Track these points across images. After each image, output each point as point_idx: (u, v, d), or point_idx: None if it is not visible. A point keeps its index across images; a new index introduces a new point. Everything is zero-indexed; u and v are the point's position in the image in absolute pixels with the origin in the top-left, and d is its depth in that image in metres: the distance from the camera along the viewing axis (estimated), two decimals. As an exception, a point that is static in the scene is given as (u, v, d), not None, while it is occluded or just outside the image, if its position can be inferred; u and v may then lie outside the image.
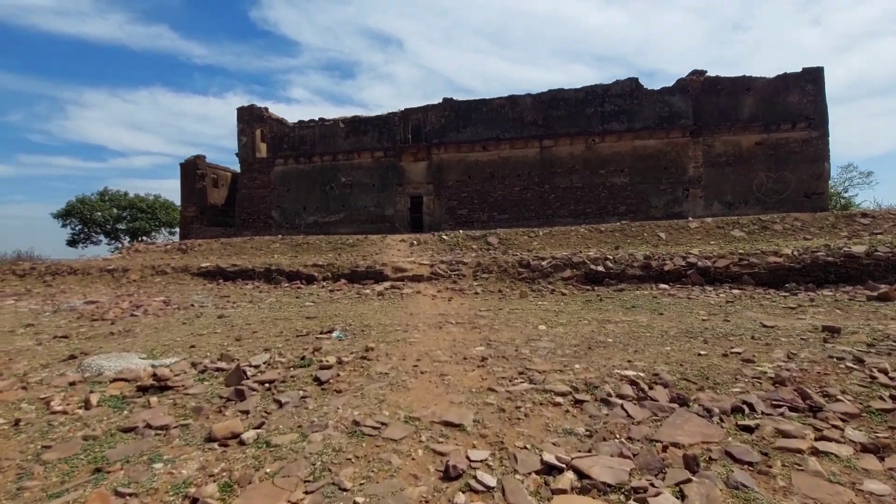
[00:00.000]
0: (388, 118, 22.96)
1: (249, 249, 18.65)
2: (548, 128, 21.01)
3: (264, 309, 9.09)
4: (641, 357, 4.73)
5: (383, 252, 16.15)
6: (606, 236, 15.78)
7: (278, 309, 9.00)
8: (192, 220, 25.35)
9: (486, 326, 6.55)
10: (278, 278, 13.42)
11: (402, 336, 6.02)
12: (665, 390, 3.77)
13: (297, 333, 6.47)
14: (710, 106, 19.76)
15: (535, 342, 5.48)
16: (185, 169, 25.72)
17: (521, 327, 6.42)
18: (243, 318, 8.09)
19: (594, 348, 5.12)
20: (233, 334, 6.67)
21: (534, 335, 5.87)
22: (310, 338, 6.16)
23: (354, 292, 11.17)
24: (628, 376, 4.08)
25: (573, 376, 4.14)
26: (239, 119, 24.48)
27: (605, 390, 3.76)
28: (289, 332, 6.66)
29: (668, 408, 3.45)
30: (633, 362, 4.52)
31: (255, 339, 6.32)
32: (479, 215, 21.73)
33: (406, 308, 8.65)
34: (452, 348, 5.35)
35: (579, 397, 3.66)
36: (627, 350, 5.02)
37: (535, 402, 3.63)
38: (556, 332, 6.06)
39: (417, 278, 12.31)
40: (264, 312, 8.62)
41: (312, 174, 23.70)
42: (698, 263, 10.44)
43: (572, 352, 5.00)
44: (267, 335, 6.50)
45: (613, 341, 5.42)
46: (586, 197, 20.73)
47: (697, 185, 19.88)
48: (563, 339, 5.57)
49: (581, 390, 3.82)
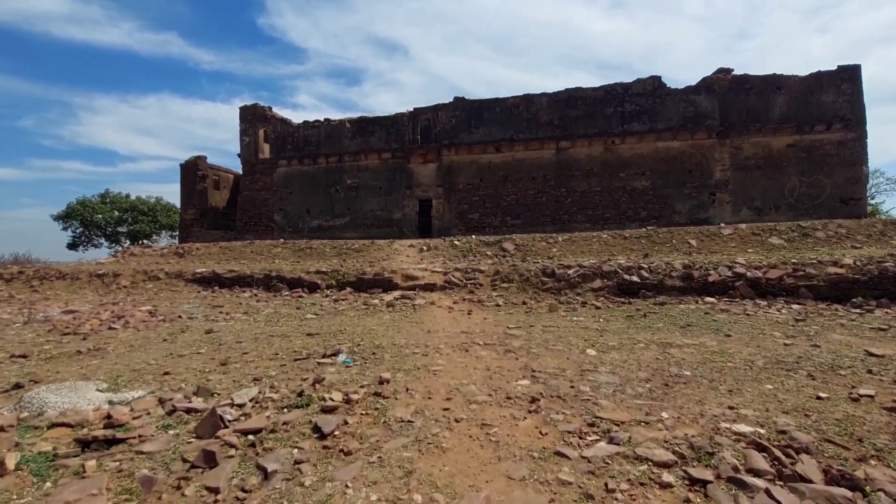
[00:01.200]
0: (396, 118, 21.97)
1: (249, 254, 17.62)
2: (564, 128, 19.93)
3: (260, 322, 8.01)
4: (743, 400, 3.61)
5: (391, 258, 15.07)
6: (632, 243, 14.63)
7: (276, 322, 7.92)
8: (191, 223, 24.36)
9: (521, 350, 5.43)
10: (278, 286, 12.36)
11: (423, 362, 4.92)
12: (812, 461, 2.65)
13: (296, 356, 5.38)
14: (738, 105, 18.63)
15: (591, 374, 4.36)
16: (185, 170, 24.76)
17: (564, 351, 5.30)
18: (234, 333, 7.01)
19: (672, 385, 4.00)
20: (219, 356, 5.59)
21: (586, 364, 4.75)
22: (310, 362, 5.07)
23: (361, 302, 10.09)
24: (745, 435, 2.95)
25: (667, 432, 3.03)
26: (242, 118, 23.55)
27: (727, 460, 2.64)
28: (285, 353, 5.57)
29: (833, 496, 2.33)
30: (738, 409, 3.40)
31: (245, 362, 5.23)
32: (491, 220, 20.62)
33: (421, 323, 7.54)
34: (488, 381, 4.24)
35: (694, 473, 2.54)
36: (718, 389, 3.89)
37: (630, 479, 2.51)
38: (611, 358, 4.94)
39: (430, 287, 11.22)
40: (259, 327, 7.54)
41: (317, 176, 22.70)
42: (747, 274, 9.29)
43: (646, 390, 3.89)
44: (259, 358, 5.42)
45: (692, 374, 4.30)
46: (605, 201, 19.59)
47: (724, 190, 18.71)
48: (627, 371, 4.45)
49: (691, 459, 2.70)
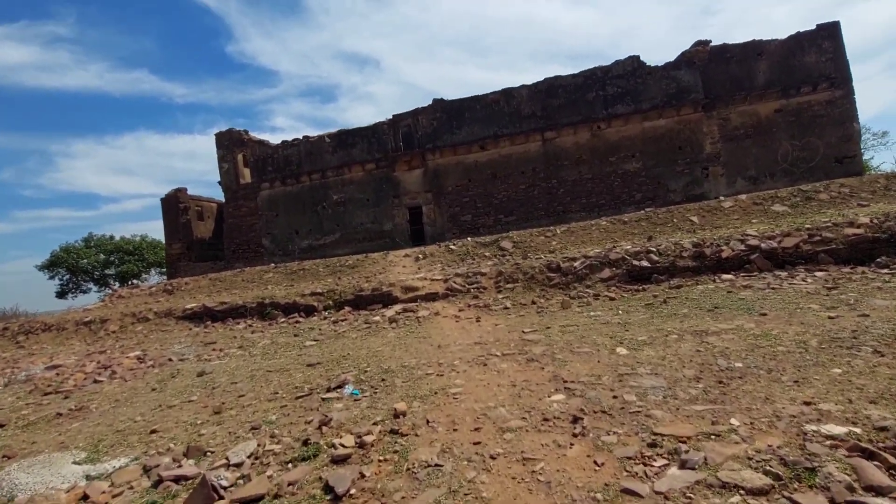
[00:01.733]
0: (376, 128, 21.47)
1: (241, 283, 17.00)
2: (548, 119, 19.53)
3: (256, 356, 7.44)
4: (816, 392, 3.13)
5: (388, 271, 14.54)
6: (632, 227, 14.21)
7: (273, 354, 7.35)
8: (178, 258, 23.66)
9: (545, 357, 4.93)
10: (273, 313, 11.78)
11: (439, 384, 4.40)
12: (937, 466, 2.17)
13: (297, 393, 4.84)
14: (721, 76, 18.33)
15: (631, 378, 3.86)
16: (166, 204, 24.07)
17: (593, 354, 4.81)
18: (229, 372, 6.44)
19: (728, 382, 3.51)
20: (212, 402, 5.03)
21: (621, 366, 4.26)
22: (314, 399, 4.54)
23: (362, 321, 9.54)
24: (840, 438, 2.47)
25: (746, 446, 2.53)
26: (218, 145, 22.93)
27: (834, 477, 2.15)
28: (286, 390, 5.03)
29: None
30: (816, 404, 2.92)
31: (241, 407, 4.68)
32: (483, 220, 20.15)
33: (429, 338, 7.02)
34: (517, 399, 3.73)
35: (802, 500, 2.04)
36: (782, 380, 3.41)
37: (726, 518, 2.01)
38: (646, 356, 4.45)
39: (432, 297, 10.71)
40: (256, 362, 6.97)
41: (302, 195, 22.12)
42: (761, 246, 8.87)
43: (700, 391, 3.40)
44: (257, 399, 4.87)
45: (745, 366, 3.81)
46: (598, 188, 19.19)
47: (717, 163, 18.37)
48: (670, 370, 3.96)
49: (789, 479, 2.20)
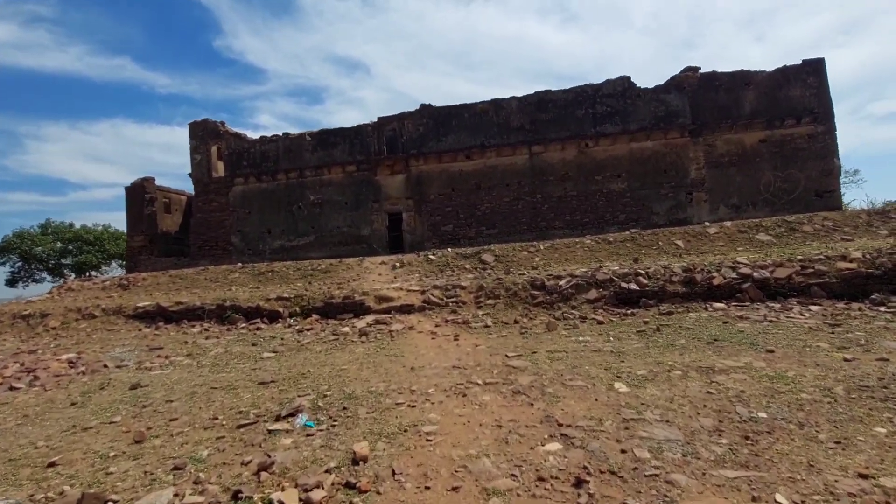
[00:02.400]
0: (359, 129, 20.76)
1: (203, 282, 15.92)
2: (536, 132, 19.22)
3: (204, 367, 6.58)
4: (867, 458, 2.58)
5: (362, 278, 13.77)
6: (617, 247, 13.87)
7: (224, 366, 6.51)
8: (139, 251, 22.22)
9: (533, 389, 4.30)
10: (234, 317, 10.85)
11: (410, 418, 3.72)
12: None
13: (241, 420, 4.07)
14: (709, 103, 18.41)
15: (639, 426, 3.27)
16: (131, 193, 22.67)
17: (588, 389, 4.20)
18: (168, 387, 5.58)
19: (755, 438, 2.95)
20: (137, 425, 4.21)
21: (624, 407, 3.66)
22: (258, 430, 3.79)
23: (329, 332, 8.76)
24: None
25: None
26: (192, 135, 21.78)
27: None
28: (228, 415, 4.25)
29: None
30: (875, 477, 2.37)
31: (169, 435, 3.88)
32: (465, 231, 19.59)
33: (402, 356, 6.32)
34: (503, 447, 3.09)
35: None
36: (818, 439, 2.86)
37: None
38: (650, 396, 3.87)
39: (407, 309, 10.00)
40: (202, 375, 6.12)
41: (277, 193, 21.14)
42: (754, 275, 8.53)
43: (726, 450, 2.82)
44: (191, 426, 4.08)
45: (769, 416, 3.26)
46: (582, 206, 18.91)
47: (701, 189, 18.34)
48: (682, 416, 3.38)
49: None
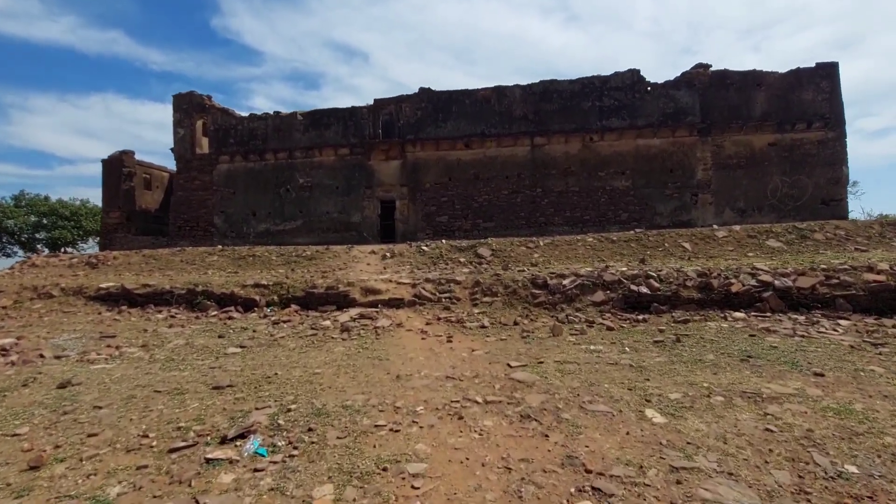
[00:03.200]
0: (354, 111, 19.73)
1: (178, 264, 14.90)
2: (540, 123, 18.37)
3: (156, 363, 5.67)
4: None
5: (349, 267, 12.87)
6: (621, 247, 13.13)
7: (179, 362, 5.61)
8: (115, 228, 21.03)
9: (546, 413, 3.48)
10: (205, 304, 9.92)
11: (392, 449, 2.88)
12: None
13: (176, 441, 3.20)
14: (720, 102, 17.69)
15: (691, 476, 2.46)
16: (108, 167, 21.41)
17: (615, 417, 3.39)
18: (103, 387, 4.68)
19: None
20: (42, 441, 3.32)
21: (665, 446, 2.85)
22: (194, 457, 2.92)
23: (308, 325, 7.89)
24: None
25: None
26: (175, 108, 20.57)
27: None
28: (162, 432, 3.37)
29: None
30: None
31: (78, 459, 3.00)
32: (461, 223, 18.74)
33: (387, 359, 5.47)
34: (518, 500, 2.26)
35: None
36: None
37: None
38: (695, 431, 3.07)
39: (396, 303, 9.15)
40: (150, 373, 5.22)
41: (264, 174, 20.07)
42: (775, 283, 7.80)
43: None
44: (112, 444, 3.19)
45: (863, 473, 2.47)
46: (584, 202, 18.15)
47: (707, 190, 17.68)
48: (748, 467, 2.57)
49: None
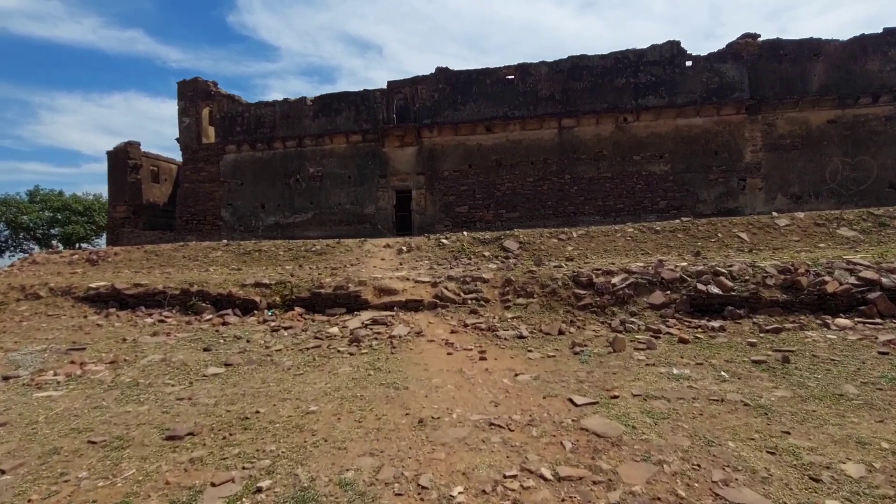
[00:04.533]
0: (366, 95, 18.43)
1: (180, 260, 13.90)
2: (568, 104, 16.80)
3: (114, 390, 4.49)
4: None
5: (361, 262, 11.64)
6: (666, 238, 11.62)
7: (142, 391, 4.42)
8: (121, 223, 20.23)
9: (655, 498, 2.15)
10: (200, 306, 8.79)
11: None
12: None
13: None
14: (771, 75, 15.86)
15: None
16: (113, 159, 20.58)
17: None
18: (28, 432, 3.50)
19: None
20: None
21: None
22: None
23: (312, 333, 6.68)
24: None
25: None
26: (180, 96, 19.56)
27: None
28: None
29: None
30: None
31: None
32: (482, 213, 17.36)
33: (405, 387, 4.19)
34: None
35: None
36: None
37: None
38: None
39: (414, 305, 7.87)
40: (101, 406, 4.03)
41: (273, 164, 18.97)
42: (882, 281, 6.27)
43: None
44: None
45: None
46: (617, 189, 16.58)
47: (756, 174, 15.92)
48: None
49: None
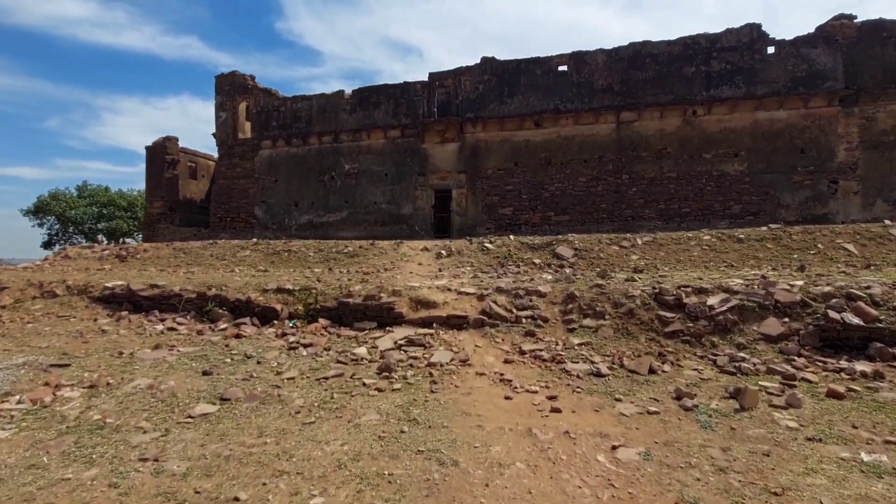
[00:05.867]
0: (406, 87, 17.36)
1: (208, 258, 13.21)
2: (628, 95, 15.14)
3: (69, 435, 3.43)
4: None
5: (396, 267, 10.49)
6: (752, 248, 9.86)
7: (103, 439, 3.33)
8: (158, 218, 20.04)
9: None
10: (217, 312, 7.85)
11: None
12: None
13: None
14: (871, 62, 13.66)
15: None
16: (151, 154, 20.47)
17: None
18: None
19: None
20: None
21: None
22: None
23: (335, 353, 5.52)
24: None
25: None
26: (217, 90, 19.16)
27: None
28: None
29: None
30: None
31: None
32: (528, 215, 15.92)
33: (453, 463, 2.91)
34: None
35: None
36: None
37: None
38: None
39: (457, 322, 6.60)
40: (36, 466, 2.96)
41: (308, 160, 18.21)
42: None
43: None
44: None
45: None
46: (682, 191, 14.75)
47: (851, 176, 13.74)
48: None
49: None
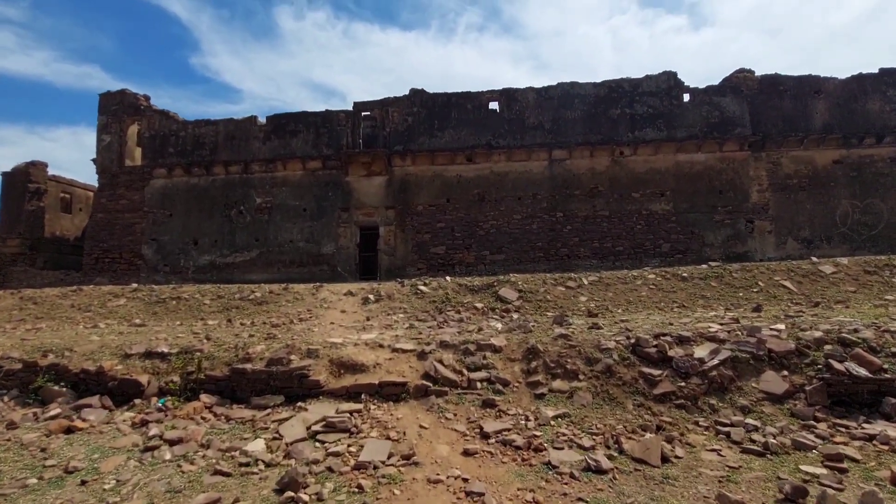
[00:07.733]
0: (328, 116, 15.97)
1: (66, 309, 10.39)
2: (559, 134, 15.02)
3: None
4: None
5: (314, 316, 8.69)
6: (698, 287, 9.49)
7: None
8: (12, 260, 16.22)
9: None
10: (52, 391, 5.57)
11: None
12: None
13: None
14: (772, 112, 14.80)
15: None
16: (8, 182, 16.78)
17: None
18: None
19: None
20: None
21: None
22: None
23: (213, 457, 3.74)
24: None
25: None
26: (102, 110, 16.32)
27: None
28: None
29: None
30: None
31: None
32: (462, 255, 14.87)
33: None
34: None
35: None
36: None
37: None
38: None
39: (394, 392, 5.06)
40: None
41: (211, 192, 15.87)
42: None
43: None
44: None
45: None
46: (615, 229, 14.63)
47: (764, 216, 14.47)
48: None
49: None
